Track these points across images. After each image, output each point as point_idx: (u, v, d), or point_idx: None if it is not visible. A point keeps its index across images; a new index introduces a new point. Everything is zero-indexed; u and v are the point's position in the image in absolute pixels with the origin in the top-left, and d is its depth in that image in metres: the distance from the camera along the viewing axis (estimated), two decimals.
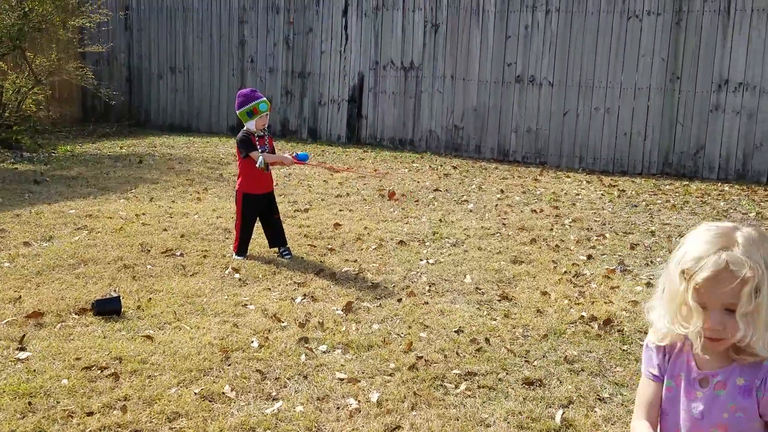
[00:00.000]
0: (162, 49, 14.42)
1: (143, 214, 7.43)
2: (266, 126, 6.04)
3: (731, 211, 7.98)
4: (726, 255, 1.54)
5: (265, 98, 6.02)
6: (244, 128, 5.99)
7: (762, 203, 8.39)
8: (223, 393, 3.58)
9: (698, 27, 10.12)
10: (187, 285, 5.27)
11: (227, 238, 6.57)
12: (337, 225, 7.13)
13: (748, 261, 1.53)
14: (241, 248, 6.04)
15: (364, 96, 12.78)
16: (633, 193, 9.06)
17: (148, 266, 5.70)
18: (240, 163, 6.08)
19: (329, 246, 6.44)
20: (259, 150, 5.92)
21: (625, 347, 4.31)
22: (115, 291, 5.05)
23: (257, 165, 5.89)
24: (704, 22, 10.07)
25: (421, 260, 6.06)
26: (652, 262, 6.07)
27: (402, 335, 4.42)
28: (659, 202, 8.48)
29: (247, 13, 13.57)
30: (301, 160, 6.22)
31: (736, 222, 1.69)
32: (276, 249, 6.13)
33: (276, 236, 6.15)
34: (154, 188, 8.86)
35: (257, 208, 6.08)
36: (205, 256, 6.02)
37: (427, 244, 6.57)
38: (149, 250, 6.11)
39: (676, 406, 1.72)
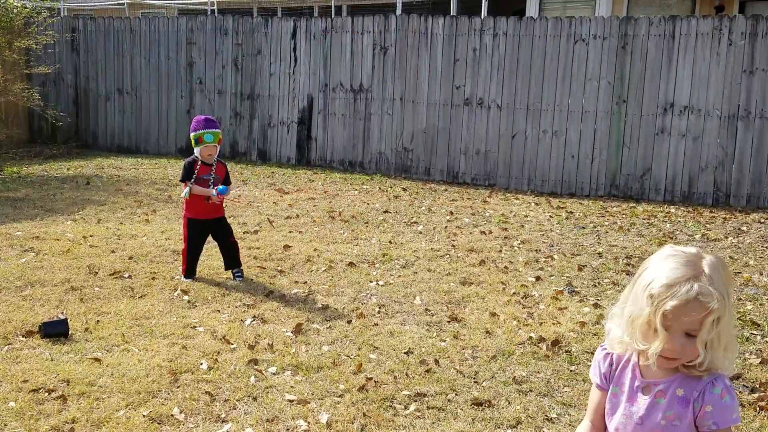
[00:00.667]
0: (109, 70, 14.25)
1: (91, 236, 7.31)
2: (214, 155, 6.02)
3: (677, 232, 8.19)
4: (697, 286, 1.64)
5: (215, 130, 5.94)
6: (194, 154, 5.99)
7: (707, 225, 8.63)
8: (172, 415, 3.54)
9: (644, 51, 10.43)
10: (136, 307, 5.19)
11: (176, 260, 6.49)
12: (286, 246, 7.11)
13: (714, 293, 1.63)
14: (189, 271, 6.01)
15: (314, 118, 12.82)
16: (581, 214, 9.24)
17: (96, 288, 5.61)
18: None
19: (279, 268, 6.42)
20: (192, 181, 5.91)
21: (572, 368, 4.38)
22: (62, 313, 4.96)
23: (182, 195, 6.01)
24: (650, 46, 10.38)
25: (371, 282, 6.08)
26: (599, 283, 6.19)
27: (352, 357, 4.42)
28: (607, 223, 8.67)
29: (194, 34, 13.52)
30: (220, 193, 6.15)
31: (696, 247, 1.78)
32: (229, 272, 6.10)
33: (230, 259, 6.12)
34: (101, 210, 8.72)
35: (202, 232, 6.07)
36: (153, 278, 5.95)
37: (377, 265, 6.60)
38: (97, 272, 6.01)
39: (618, 411, 1.82)
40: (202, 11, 19.74)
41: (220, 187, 6.07)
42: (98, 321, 4.88)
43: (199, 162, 5.94)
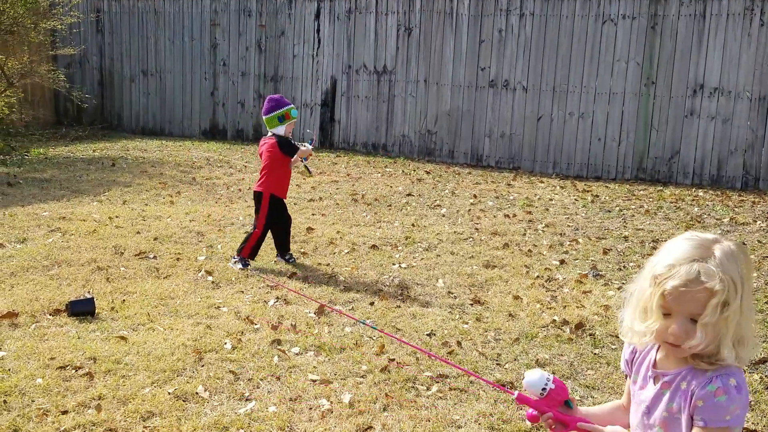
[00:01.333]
0: (134, 51, 14.32)
1: (116, 216, 7.37)
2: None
3: (705, 216, 8.09)
4: (698, 266, 1.57)
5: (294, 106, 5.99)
6: (271, 134, 5.89)
7: (736, 209, 8.51)
8: (197, 393, 3.58)
9: (674, 31, 10.25)
10: (161, 287, 5.24)
11: (200, 241, 6.54)
12: (309, 229, 7.12)
13: (719, 274, 1.55)
14: (252, 255, 5.85)
15: (337, 100, 12.79)
16: (607, 198, 9.15)
17: (122, 268, 5.66)
18: (271, 165, 5.88)
19: (302, 250, 6.43)
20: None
21: (596, 351, 4.35)
22: (89, 292, 5.02)
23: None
24: (680, 27, 10.21)
25: (393, 264, 6.07)
26: (624, 267, 6.14)
27: (374, 338, 4.43)
28: (633, 207, 8.58)
29: (218, 15, 13.53)
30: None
31: (718, 234, 1.70)
32: (274, 258, 6.08)
33: (287, 243, 6.09)
34: (127, 191, 8.79)
35: (281, 214, 6.01)
36: (178, 259, 5.99)
37: (400, 248, 6.59)
38: (123, 253, 6.07)
39: (635, 399, 1.79)
40: None
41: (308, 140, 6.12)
42: (124, 300, 4.93)
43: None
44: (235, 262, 5.80)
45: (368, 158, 11.92)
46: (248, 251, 5.82)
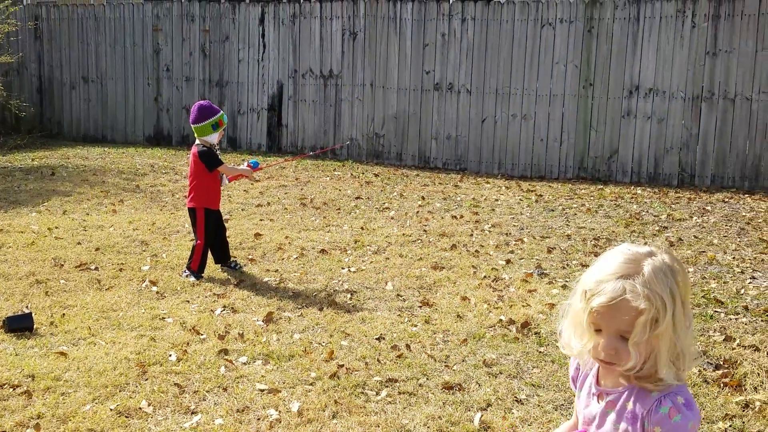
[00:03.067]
0: (74, 58, 14.02)
1: (56, 227, 7.21)
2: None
3: (644, 213, 8.27)
4: (624, 283, 1.55)
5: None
6: (200, 142, 5.79)
7: (673, 205, 8.73)
8: (140, 408, 3.51)
9: (609, 34, 10.49)
10: (103, 299, 5.14)
11: (144, 251, 6.43)
12: (257, 235, 7.07)
13: (646, 292, 1.54)
14: (201, 267, 5.78)
15: (284, 104, 12.73)
16: (550, 197, 9.30)
17: (62, 281, 5.54)
18: (199, 177, 5.79)
19: (249, 256, 6.38)
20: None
21: (541, 349, 4.42)
22: (27, 307, 4.89)
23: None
24: (615, 30, 10.44)
25: (342, 268, 6.07)
26: (568, 265, 6.24)
27: (323, 344, 4.42)
28: (575, 206, 8.73)
29: (161, 21, 13.34)
30: (254, 167, 6.10)
31: (655, 248, 1.67)
32: (219, 266, 6.01)
33: (226, 252, 6.02)
34: (67, 201, 8.60)
35: (217, 223, 5.92)
36: (121, 270, 5.88)
37: (349, 252, 6.59)
38: (62, 265, 5.94)
39: (581, 414, 1.77)
40: None
41: (252, 160, 6.00)
42: (64, 314, 4.81)
43: (215, 149, 5.85)
44: (187, 276, 5.74)
45: (317, 162, 11.88)
46: (197, 264, 5.76)
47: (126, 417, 3.43)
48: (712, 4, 9.96)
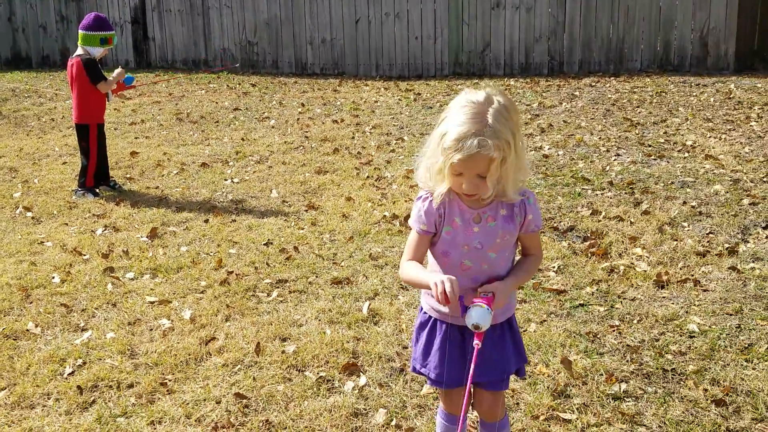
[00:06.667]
0: None
1: None
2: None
3: (517, 103, 8.52)
4: (477, 141, 1.86)
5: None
6: (85, 53, 5.55)
7: (543, 93, 9.04)
8: (27, 330, 3.46)
9: None
10: None
11: (14, 177, 6.16)
12: (134, 153, 6.88)
13: (495, 142, 1.87)
14: (97, 179, 5.69)
15: (148, 16, 12.16)
16: (428, 95, 9.42)
17: None
18: (83, 90, 5.59)
19: (128, 175, 6.23)
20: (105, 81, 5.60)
21: None
22: None
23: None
24: None
25: (225, 180, 6.03)
26: None
27: (211, 254, 4.44)
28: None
29: None
30: (127, 83, 5.87)
31: (489, 90, 1.96)
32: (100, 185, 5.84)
33: (105, 170, 5.85)
34: None
35: (104, 137, 5.78)
36: None
37: (231, 163, 6.53)
38: None
39: (458, 244, 2.04)
40: None
41: (127, 76, 5.76)
42: None
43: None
44: (82, 194, 5.63)
45: (190, 75, 11.51)
46: (91, 180, 5.69)
47: (14, 339, 3.38)
48: None
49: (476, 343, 1.91)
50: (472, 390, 2.21)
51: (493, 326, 2.04)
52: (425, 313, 2.17)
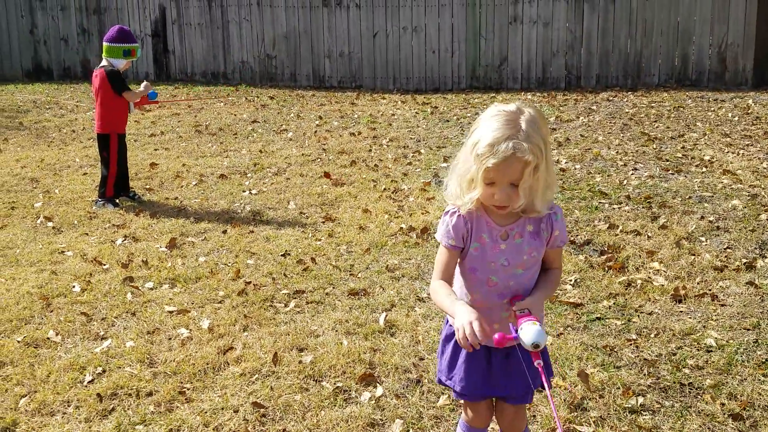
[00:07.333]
0: None
1: None
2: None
3: None
4: (513, 143, 1.84)
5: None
6: (108, 64, 5.65)
7: (561, 107, 9.05)
8: (48, 338, 3.51)
9: None
10: None
11: (35, 188, 6.24)
12: (153, 165, 6.95)
13: (529, 146, 1.85)
14: (117, 190, 5.77)
15: (168, 29, 12.29)
16: (445, 108, 9.46)
17: None
18: (106, 100, 5.68)
19: (147, 186, 6.29)
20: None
21: None
22: None
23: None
24: None
25: (243, 191, 6.08)
26: None
27: (229, 264, 4.47)
28: (469, 115, 8.93)
29: None
30: (151, 99, 5.97)
31: (518, 103, 1.96)
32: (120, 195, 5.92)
33: (125, 181, 5.92)
34: None
35: (124, 148, 5.86)
36: (13, 208, 5.71)
37: (249, 175, 6.59)
38: None
39: (485, 260, 2.03)
40: None
41: (151, 91, 5.85)
42: None
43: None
44: (103, 204, 5.69)
45: (209, 88, 11.62)
46: (111, 189, 5.75)
47: (34, 347, 3.42)
48: None
49: (538, 362, 1.85)
50: (494, 402, 2.22)
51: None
52: (451, 326, 2.15)
